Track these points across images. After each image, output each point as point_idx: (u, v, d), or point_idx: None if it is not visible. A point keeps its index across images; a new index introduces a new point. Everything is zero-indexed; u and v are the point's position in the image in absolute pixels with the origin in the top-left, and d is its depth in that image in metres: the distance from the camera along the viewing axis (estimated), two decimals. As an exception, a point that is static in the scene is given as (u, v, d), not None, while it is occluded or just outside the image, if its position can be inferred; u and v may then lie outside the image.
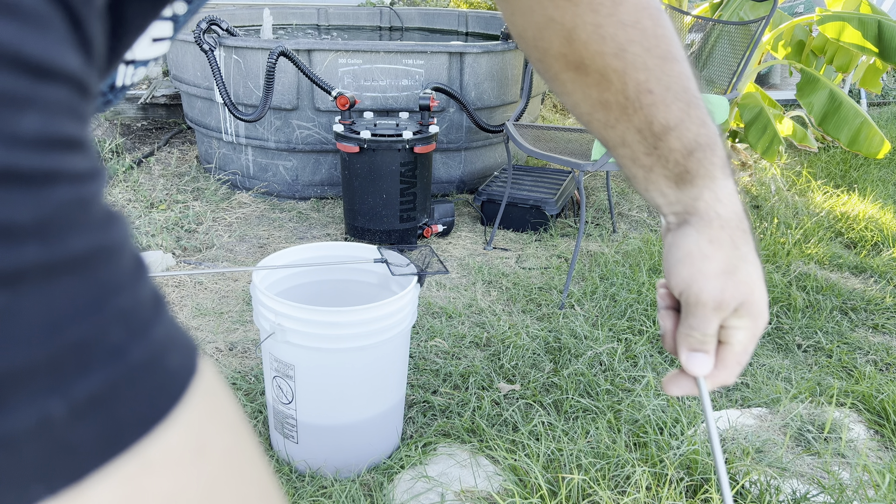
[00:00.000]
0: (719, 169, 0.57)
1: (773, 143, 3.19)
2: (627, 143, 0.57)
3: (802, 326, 2.43)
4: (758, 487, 1.60)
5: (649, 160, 0.57)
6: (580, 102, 0.59)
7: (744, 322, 0.56)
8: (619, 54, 0.55)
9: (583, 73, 0.57)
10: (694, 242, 0.56)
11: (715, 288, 0.54)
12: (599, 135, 0.60)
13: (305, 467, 1.64)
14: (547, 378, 2.06)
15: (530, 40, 0.59)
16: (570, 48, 0.57)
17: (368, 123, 2.88)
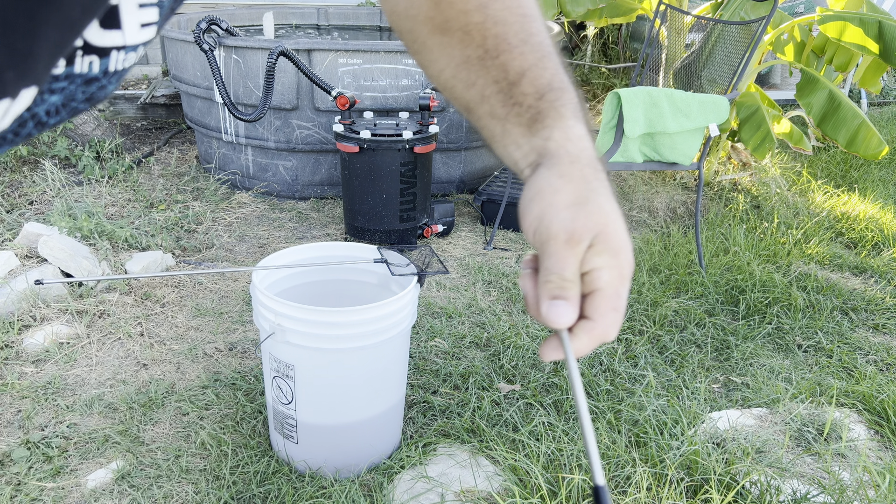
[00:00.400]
0: (570, 110, 0.57)
1: (765, 141, 3.19)
2: (486, 98, 0.58)
3: (803, 326, 2.42)
4: (758, 488, 1.60)
5: (504, 110, 0.58)
6: (445, 67, 0.60)
7: (605, 259, 0.51)
8: (481, 9, 0.58)
9: (448, 34, 0.59)
10: (544, 178, 0.54)
11: (566, 218, 0.51)
12: (462, 98, 0.61)
13: (305, 467, 1.64)
14: (547, 378, 2.06)
15: (402, 11, 0.61)
16: (437, 10, 0.59)
17: (368, 123, 2.88)
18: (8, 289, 2.26)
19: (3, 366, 2.02)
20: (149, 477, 1.63)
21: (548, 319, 0.51)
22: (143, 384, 1.98)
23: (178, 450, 1.72)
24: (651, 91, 2.37)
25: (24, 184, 3.27)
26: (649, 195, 3.53)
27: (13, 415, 1.84)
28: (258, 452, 1.70)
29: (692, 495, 1.60)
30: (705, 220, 3.31)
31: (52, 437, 1.75)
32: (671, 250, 2.92)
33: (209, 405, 1.88)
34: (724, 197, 3.64)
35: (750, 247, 2.98)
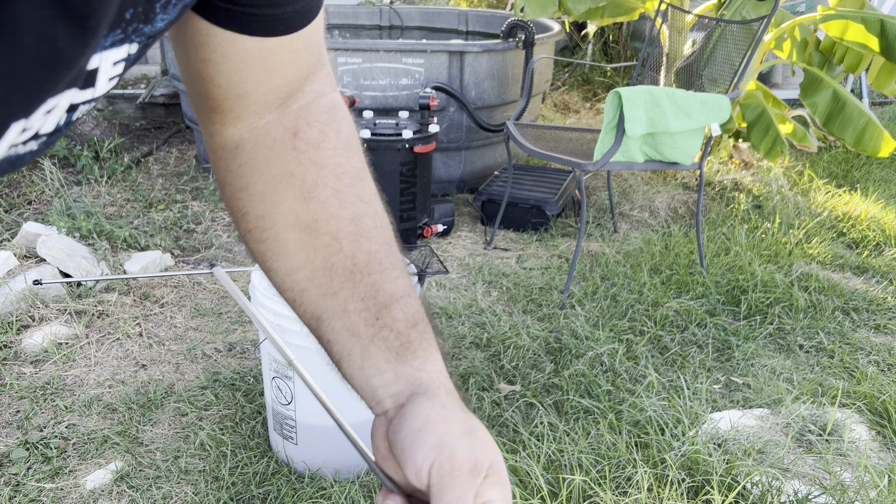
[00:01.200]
0: (436, 344, 0.56)
1: (776, 144, 3.18)
2: (348, 312, 0.55)
3: (804, 327, 2.42)
4: (759, 488, 1.59)
5: (370, 331, 0.55)
6: (300, 268, 0.56)
7: (498, 491, 0.50)
8: (356, 221, 0.56)
9: (313, 234, 0.56)
10: (430, 408, 0.51)
11: (466, 446, 0.49)
12: (313, 305, 0.57)
13: (305, 468, 1.64)
14: (548, 379, 2.05)
15: (257, 194, 0.57)
16: (305, 206, 0.56)
17: (368, 123, 2.87)
18: (6, 289, 2.25)
19: (1, 366, 2.01)
20: (148, 478, 1.62)
21: None
22: (141, 384, 1.97)
23: (178, 450, 1.71)
24: (652, 90, 2.36)
25: (23, 183, 3.26)
26: (650, 195, 3.53)
27: (12, 415, 1.83)
28: (257, 453, 1.69)
29: (693, 496, 1.59)
30: (706, 220, 3.30)
31: (51, 437, 1.75)
32: (672, 250, 2.91)
33: (208, 406, 1.88)
34: (725, 197, 3.63)
35: (751, 247, 2.97)
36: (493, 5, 6.14)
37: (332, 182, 0.56)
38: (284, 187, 0.56)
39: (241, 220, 0.58)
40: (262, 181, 0.57)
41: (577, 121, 4.96)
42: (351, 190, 0.57)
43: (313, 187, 0.56)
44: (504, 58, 3.40)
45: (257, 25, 0.52)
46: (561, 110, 5.20)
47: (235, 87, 0.56)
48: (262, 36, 0.53)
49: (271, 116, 0.58)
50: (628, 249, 2.95)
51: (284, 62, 0.56)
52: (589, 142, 2.87)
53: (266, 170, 0.57)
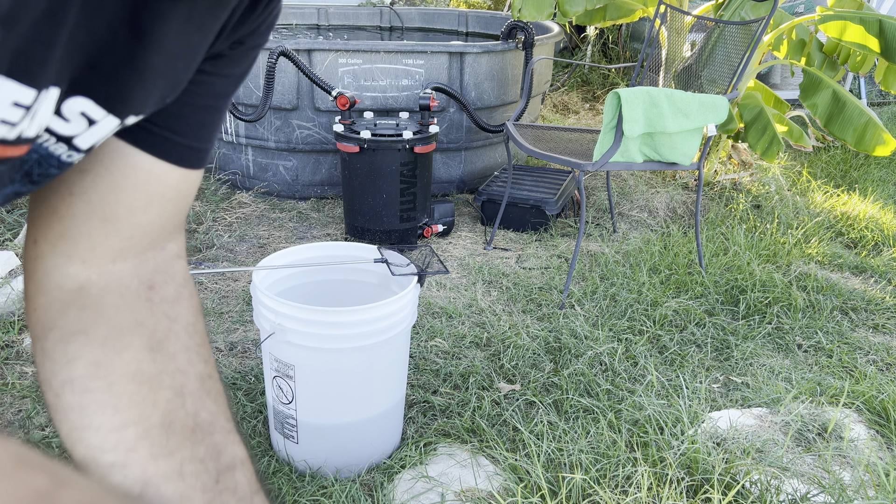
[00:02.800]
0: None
1: (773, 144, 3.19)
2: (184, 475, 0.49)
3: (803, 326, 2.43)
4: (758, 487, 1.60)
5: (207, 495, 0.50)
6: (132, 423, 0.49)
7: None
8: (202, 380, 0.52)
9: (154, 388, 0.50)
10: None
11: None
12: (141, 468, 0.49)
13: (306, 467, 1.64)
14: (547, 378, 2.06)
15: (97, 339, 0.51)
16: (151, 357, 0.52)
17: (368, 123, 2.88)
18: (8, 288, 2.26)
19: (3, 365, 2.02)
20: (149, 477, 1.63)
21: None
22: (143, 384, 1.98)
23: (179, 450, 1.72)
24: (651, 91, 2.37)
25: (25, 184, 3.27)
26: (649, 195, 3.53)
27: (14, 415, 1.84)
28: (258, 452, 1.70)
29: (692, 495, 1.60)
30: (705, 220, 3.31)
31: (53, 436, 1.75)
32: (671, 250, 2.92)
33: (209, 405, 1.88)
34: (724, 197, 3.64)
35: (750, 247, 2.98)
36: (493, 7, 6.15)
37: (184, 339, 0.54)
38: (131, 335, 0.52)
39: (63, 368, 0.51)
40: (105, 327, 0.52)
41: (577, 121, 4.97)
42: (201, 349, 0.54)
43: (164, 339, 0.53)
44: (504, 59, 3.41)
45: (153, 143, 0.50)
46: (560, 111, 5.21)
47: (106, 208, 0.51)
48: (156, 156, 0.50)
49: (126, 265, 0.54)
50: (627, 249, 2.96)
51: (166, 198, 0.53)
52: (588, 142, 2.88)
53: (113, 316, 0.52)
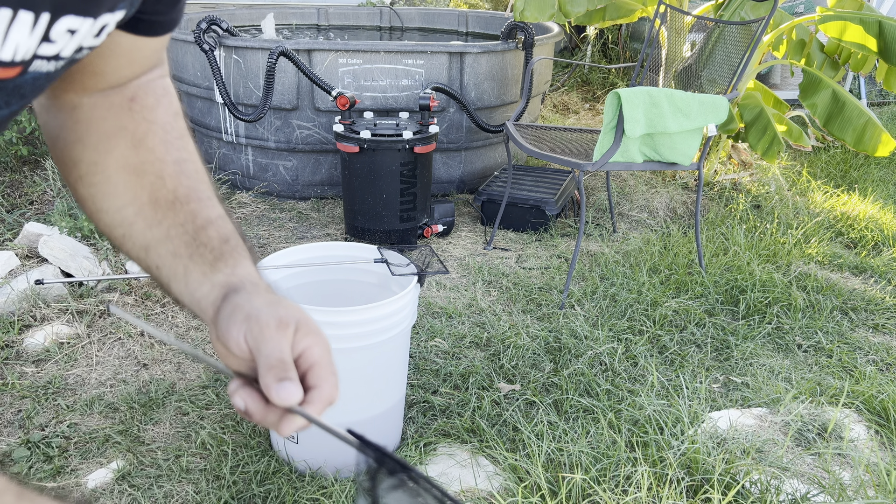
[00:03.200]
0: (248, 255, 0.66)
1: (774, 144, 3.19)
2: (171, 237, 0.64)
3: (803, 326, 2.43)
4: (758, 487, 1.60)
5: (188, 250, 0.64)
6: (128, 204, 0.65)
7: (311, 338, 0.59)
8: (179, 164, 0.66)
9: (140, 175, 0.65)
10: (239, 298, 0.61)
11: (271, 311, 0.59)
12: (141, 235, 0.65)
13: (306, 467, 1.64)
14: (547, 378, 2.06)
15: (91, 144, 0.65)
16: (135, 152, 0.65)
17: (368, 123, 2.88)
18: (8, 288, 2.26)
19: (3, 366, 2.02)
20: (149, 477, 1.63)
21: (281, 400, 0.55)
22: (143, 384, 1.98)
23: (179, 449, 1.72)
24: (651, 91, 2.37)
25: (25, 184, 3.27)
26: (649, 195, 3.53)
27: (13, 415, 1.84)
28: (258, 452, 1.70)
29: (692, 495, 1.60)
30: (705, 220, 3.31)
31: (53, 436, 1.75)
32: (671, 250, 2.92)
33: (209, 405, 1.88)
34: (724, 197, 3.64)
35: (750, 247, 2.98)
36: (493, 7, 6.14)
37: (161, 134, 0.67)
38: (117, 138, 0.65)
39: (73, 168, 0.66)
40: (96, 133, 0.65)
41: (577, 121, 4.97)
42: (177, 142, 0.67)
43: (143, 137, 0.66)
44: (504, 59, 3.41)
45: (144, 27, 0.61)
46: (560, 111, 5.21)
47: (94, 68, 0.63)
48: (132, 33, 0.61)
49: (112, 91, 0.66)
50: (627, 249, 2.96)
51: (145, 57, 0.66)
52: (588, 142, 2.88)
53: (101, 125, 0.65)
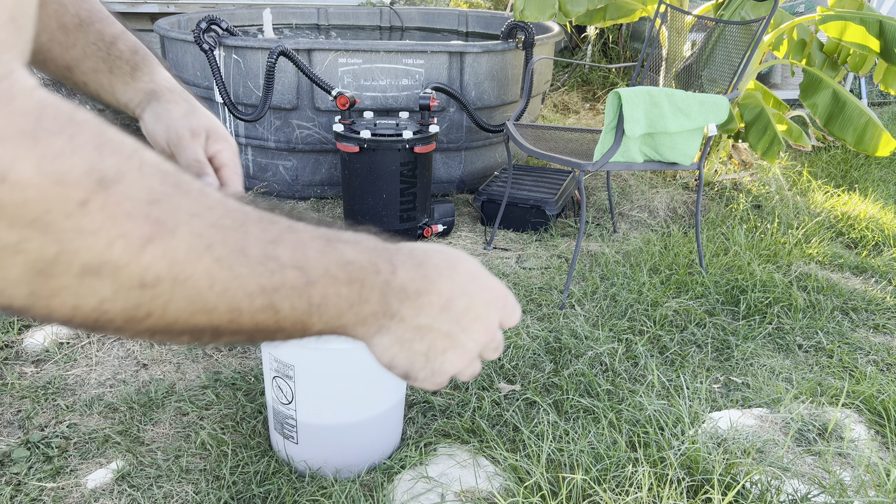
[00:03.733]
0: (156, 62, 0.79)
1: (774, 144, 3.19)
2: (87, 56, 0.74)
3: (803, 326, 2.42)
4: (759, 487, 1.60)
5: (106, 64, 0.75)
6: (39, 32, 0.72)
7: (221, 144, 0.76)
8: None
9: (42, 7, 0.72)
10: (160, 106, 0.77)
11: (185, 122, 0.76)
12: (60, 59, 0.74)
13: (305, 468, 1.64)
14: (547, 378, 2.05)
15: None
16: None
17: (368, 123, 2.88)
18: (8, 289, 2.26)
19: (3, 366, 2.02)
20: (149, 477, 1.63)
21: None
22: (143, 384, 1.98)
23: (178, 450, 1.71)
24: (651, 91, 2.37)
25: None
26: (650, 195, 3.53)
27: (13, 415, 1.83)
28: (258, 452, 1.70)
29: (693, 495, 1.60)
30: (706, 220, 3.31)
31: (52, 437, 1.75)
32: (671, 250, 2.92)
33: (209, 405, 1.88)
34: (724, 197, 3.64)
35: (750, 247, 2.98)
36: (493, 7, 6.14)
37: None
38: None
39: None
40: None
41: (577, 121, 4.97)
42: None
43: None
44: (504, 58, 3.41)
45: None
46: (561, 111, 5.21)
47: None
48: None
49: None
50: (628, 249, 2.95)
51: None
52: (588, 142, 2.88)
53: None
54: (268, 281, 0.43)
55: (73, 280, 0.37)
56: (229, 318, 0.43)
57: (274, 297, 0.44)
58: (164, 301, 0.40)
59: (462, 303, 0.56)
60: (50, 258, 0.36)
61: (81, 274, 0.37)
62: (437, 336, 0.55)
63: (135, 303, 0.39)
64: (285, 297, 0.44)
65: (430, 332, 0.55)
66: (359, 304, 0.49)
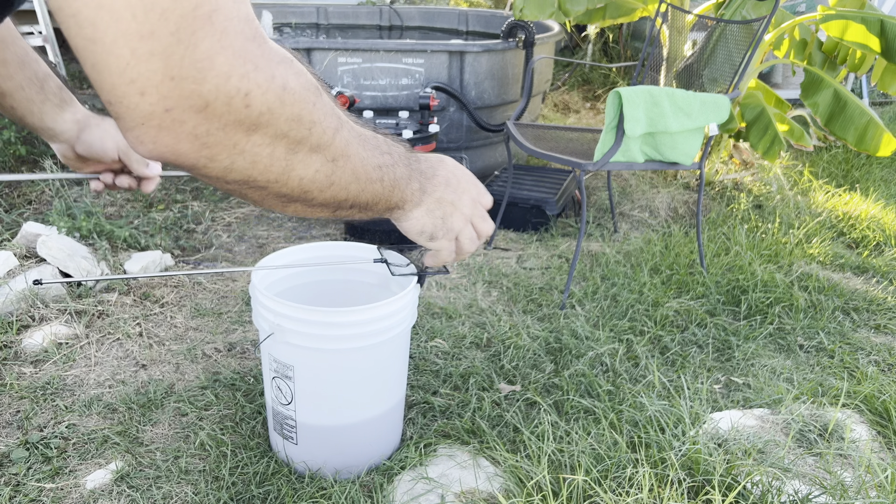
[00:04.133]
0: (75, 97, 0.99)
1: (774, 144, 3.18)
2: (23, 87, 0.91)
3: (804, 327, 2.42)
4: (760, 488, 1.59)
5: (40, 96, 0.93)
6: None
7: None
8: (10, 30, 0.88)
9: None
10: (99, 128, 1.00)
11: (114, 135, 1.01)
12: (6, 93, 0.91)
13: (305, 468, 1.64)
14: (548, 379, 2.05)
15: None
16: None
17: (368, 123, 2.87)
18: (7, 289, 2.25)
19: (1, 366, 2.01)
20: (148, 478, 1.62)
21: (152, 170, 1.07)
22: (142, 385, 1.97)
23: (178, 450, 1.71)
24: (652, 90, 2.36)
25: (23, 183, 3.26)
26: (650, 195, 3.53)
27: (12, 415, 1.83)
28: (258, 453, 1.69)
29: (694, 496, 1.59)
30: (707, 220, 3.30)
31: (51, 437, 1.75)
32: (672, 250, 2.91)
33: (208, 406, 1.88)
34: (725, 196, 3.63)
35: (751, 247, 2.97)
36: (493, 6, 6.13)
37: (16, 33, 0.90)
38: None
39: None
40: None
41: (578, 121, 4.96)
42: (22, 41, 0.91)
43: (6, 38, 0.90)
44: (504, 58, 3.40)
45: None
46: (561, 110, 5.20)
47: None
48: None
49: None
50: (628, 249, 2.95)
51: None
52: (589, 142, 2.87)
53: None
54: (380, 159, 0.72)
55: (306, 155, 0.59)
56: (362, 187, 0.68)
57: (383, 171, 0.72)
58: (340, 173, 0.64)
59: (454, 180, 0.85)
60: (299, 138, 0.57)
61: (310, 150, 0.59)
62: (446, 204, 0.84)
63: (327, 172, 0.62)
64: (386, 171, 0.73)
65: (441, 202, 0.84)
66: (409, 181, 0.78)
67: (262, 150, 0.55)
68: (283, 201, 0.62)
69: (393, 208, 0.78)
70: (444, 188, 0.84)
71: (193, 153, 0.52)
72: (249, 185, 0.58)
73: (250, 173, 0.56)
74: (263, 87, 0.52)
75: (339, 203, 0.67)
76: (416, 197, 0.81)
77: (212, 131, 0.51)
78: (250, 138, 0.53)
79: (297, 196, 0.62)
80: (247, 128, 0.52)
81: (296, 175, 0.59)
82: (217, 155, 0.53)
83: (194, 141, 0.51)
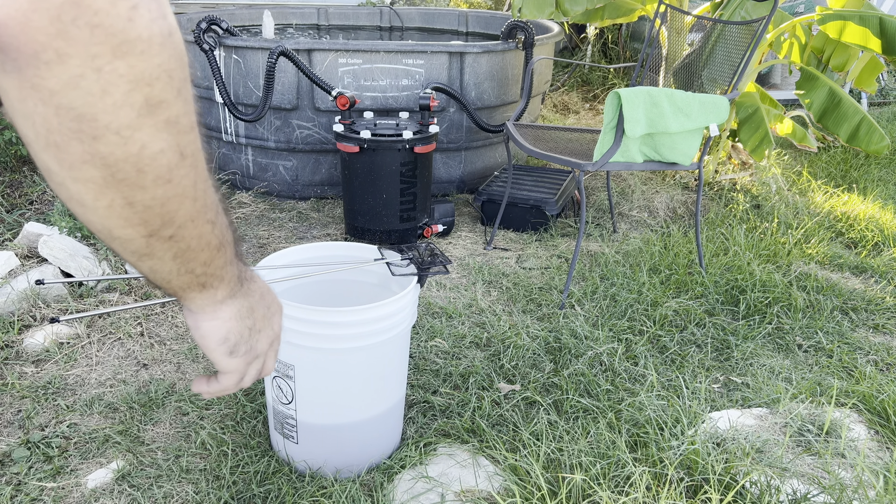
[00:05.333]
0: None
1: (763, 142, 3.19)
2: None
3: (803, 326, 2.42)
4: (758, 488, 1.60)
5: None
6: None
7: None
8: None
9: None
10: None
11: None
12: None
13: (305, 467, 1.64)
14: (547, 378, 2.06)
15: None
16: None
17: (368, 123, 2.88)
18: (8, 288, 2.26)
19: (3, 366, 2.02)
20: (149, 477, 1.63)
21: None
22: (143, 384, 1.98)
23: (179, 450, 1.72)
24: (651, 91, 2.37)
25: (25, 183, 3.27)
26: (649, 195, 3.53)
27: (13, 415, 1.84)
28: (258, 452, 1.70)
29: (692, 495, 1.60)
30: (705, 220, 3.31)
31: (53, 437, 1.75)
32: (671, 250, 2.92)
33: (209, 405, 1.88)
34: (724, 197, 3.64)
35: (750, 247, 2.98)
36: (493, 7, 6.14)
37: None
38: None
39: None
40: None
41: (577, 121, 4.97)
42: None
43: None
44: (504, 59, 3.41)
45: None
46: (560, 111, 5.21)
47: None
48: None
49: None
50: (627, 249, 2.96)
51: None
52: (588, 142, 2.88)
53: None
54: (216, 201, 0.60)
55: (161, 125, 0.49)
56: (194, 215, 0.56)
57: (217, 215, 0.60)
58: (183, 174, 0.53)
59: (268, 297, 0.74)
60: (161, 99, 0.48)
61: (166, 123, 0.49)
62: (258, 317, 0.71)
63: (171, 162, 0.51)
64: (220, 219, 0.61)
65: (254, 311, 0.70)
66: (232, 259, 0.65)
67: (118, 83, 0.44)
68: (104, 175, 0.48)
69: (206, 283, 0.62)
70: (260, 299, 0.71)
71: (45, 34, 0.41)
72: (80, 128, 0.45)
73: (93, 107, 0.44)
74: (154, 14, 0.44)
75: (163, 219, 0.53)
76: (233, 286, 0.66)
77: (78, 23, 0.41)
78: (113, 63, 0.44)
79: (127, 173, 0.48)
80: (115, 47, 0.43)
81: (139, 139, 0.47)
82: (71, 56, 0.42)
83: (54, 21, 0.41)
